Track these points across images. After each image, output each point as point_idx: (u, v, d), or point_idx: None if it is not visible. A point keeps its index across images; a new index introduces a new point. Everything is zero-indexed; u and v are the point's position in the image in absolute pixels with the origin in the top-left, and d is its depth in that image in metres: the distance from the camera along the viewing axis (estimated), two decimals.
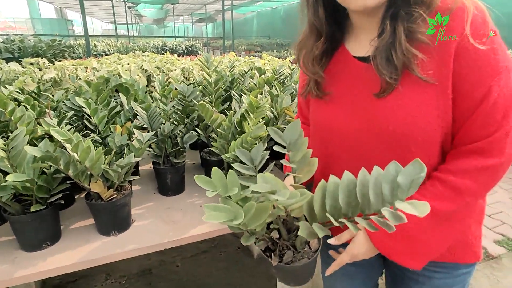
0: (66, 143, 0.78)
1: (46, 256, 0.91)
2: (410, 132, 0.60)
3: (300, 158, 0.65)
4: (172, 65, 3.03)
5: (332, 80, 0.72)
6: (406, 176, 0.43)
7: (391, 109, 0.61)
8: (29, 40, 4.79)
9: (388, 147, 0.63)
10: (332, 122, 0.71)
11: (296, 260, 0.65)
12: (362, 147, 0.67)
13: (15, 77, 2.17)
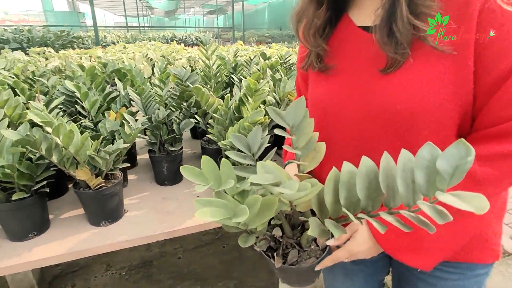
0: (45, 126, 0.72)
1: (32, 246, 0.87)
2: (421, 112, 0.51)
3: (305, 143, 0.56)
4: (177, 54, 2.96)
5: (335, 53, 0.63)
6: (448, 160, 0.33)
7: (398, 85, 0.52)
8: (38, 31, 4.81)
9: (395, 131, 0.54)
10: (331, 101, 0.62)
11: (302, 259, 0.57)
12: (364, 131, 0.58)
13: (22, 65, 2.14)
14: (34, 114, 0.71)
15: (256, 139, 0.59)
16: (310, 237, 0.58)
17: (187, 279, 1.62)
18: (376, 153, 0.57)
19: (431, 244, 0.56)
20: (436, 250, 0.57)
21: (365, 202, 0.43)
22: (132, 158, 1.35)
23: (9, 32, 4.81)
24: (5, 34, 4.58)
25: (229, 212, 0.44)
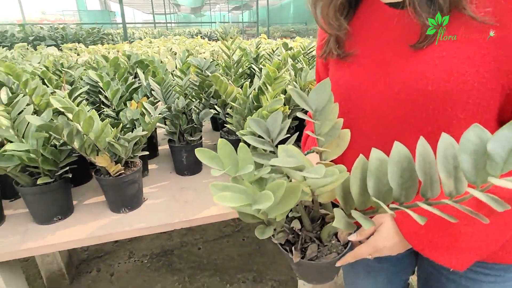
0: (66, 112, 0.74)
1: (56, 229, 0.90)
2: (457, 93, 0.45)
3: (329, 129, 0.52)
4: (201, 48, 2.98)
5: (357, 35, 0.58)
6: (502, 143, 0.29)
7: (431, 63, 0.47)
8: (71, 29, 5.03)
9: (426, 115, 0.49)
10: (353, 83, 0.57)
11: (322, 255, 0.53)
12: (390, 116, 0.53)
13: (54, 60, 2.23)
14: (56, 100, 0.73)
15: (276, 124, 0.56)
16: (332, 230, 0.54)
17: (207, 270, 1.63)
18: (403, 141, 0.53)
19: (467, 241, 0.51)
20: (472, 248, 0.51)
21: (398, 191, 0.39)
22: (153, 148, 1.37)
23: (45, 30, 5.08)
24: (42, 32, 4.83)
25: (249, 198, 0.41)
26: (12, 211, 0.99)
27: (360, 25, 0.58)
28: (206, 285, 1.54)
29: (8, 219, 0.95)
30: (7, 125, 0.77)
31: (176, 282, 1.55)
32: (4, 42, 4.22)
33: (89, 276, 1.61)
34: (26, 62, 2.00)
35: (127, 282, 1.56)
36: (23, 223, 0.92)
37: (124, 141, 0.86)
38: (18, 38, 4.40)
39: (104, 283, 1.56)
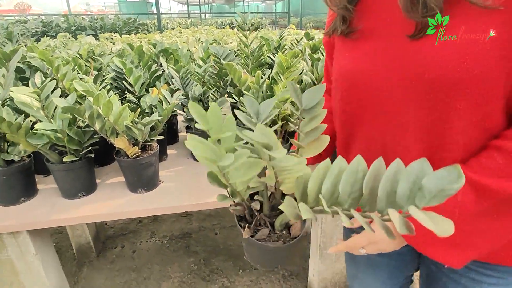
0: (88, 95, 0.79)
1: (79, 204, 0.98)
2: (457, 81, 0.43)
3: (311, 130, 0.54)
4: (229, 38, 3.01)
5: (362, 13, 0.56)
6: (436, 181, 0.33)
7: (431, 49, 0.45)
8: (110, 19, 5.27)
9: (427, 103, 0.47)
10: (356, 69, 0.56)
11: (270, 240, 0.56)
12: (392, 105, 0.51)
13: (90, 48, 2.36)
14: (78, 84, 0.78)
15: (267, 109, 0.57)
16: (284, 220, 0.55)
17: (222, 254, 1.69)
18: (405, 129, 0.51)
19: (464, 238, 0.49)
20: (470, 245, 0.49)
21: (344, 199, 0.41)
22: (174, 135, 1.43)
23: (86, 20, 5.37)
24: (83, 22, 5.11)
25: (215, 155, 0.44)
26: (44, 185, 1.08)
27: (366, 4, 0.56)
28: (220, 268, 1.59)
29: (40, 192, 1.04)
30: (38, 106, 0.85)
31: (192, 264, 1.62)
32: (50, 32, 4.53)
33: (114, 251, 1.73)
34: (67, 50, 2.14)
35: (147, 259, 1.66)
36: (52, 197, 1.01)
37: (141, 125, 0.91)
38: (62, 28, 4.70)
39: (126, 258, 1.67)
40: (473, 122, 0.45)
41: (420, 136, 0.50)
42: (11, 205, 0.97)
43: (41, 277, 1.03)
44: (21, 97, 0.83)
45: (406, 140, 0.52)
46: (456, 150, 0.48)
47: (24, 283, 1.03)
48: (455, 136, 0.47)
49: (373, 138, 0.57)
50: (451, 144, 0.48)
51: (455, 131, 0.46)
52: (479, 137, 0.47)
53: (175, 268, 1.59)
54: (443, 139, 0.48)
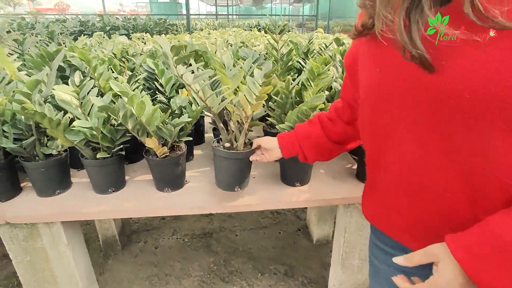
0: (123, 95, 0.82)
1: (109, 199, 1.01)
2: (489, 99, 0.40)
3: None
4: (256, 40, 3.02)
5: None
6: None
7: (469, 67, 0.42)
8: (141, 19, 5.46)
9: (460, 123, 0.44)
10: (383, 82, 0.53)
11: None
12: (422, 123, 0.49)
13: (123, 48, 2.46)
14: (114, 85, 0.81)
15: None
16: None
17: (241, 257, 1.69)
18: (437, 151, 0.49)
19: None
20: None
21: None
22: (200, 135, 1.45)
23: (119, 20, 5.58)
24: (117, 22, 5.33)
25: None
26: (78, 179, 1.13)
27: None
28: (239, 270, 1.60)
29: (73, 185, 1.09)
30: (77, 104, 0.89)
31: (212, 263, 1.64)
32: (86, 31, 4.76)
33: (137, 246, 1.78)
34: (101, 49, 2.24)
35: (168, 256, 1.69)
36: (85, 190, 1.06)
37: (171, 126, 0.93)
38: (97, 28, 4.92)
39: (149, 254, 1.71)
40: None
41: (455, 157, 0.47)
42: (48, 196, 1.02)
43: (71, 267, 1.08)
44: (62, 95, 0.87)
45: (440, 162, 0.49)
46: (500, 180, 0.44)
47: (55, 271, 1.08)
48: (498, 159, 0.44)
49: (403, 153, 0.55)
50: (494, 169, 0.44)
51: (499, 153, 0.43)
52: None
53: (196, 266, 1.62)
54: (484, 160, 0.45)
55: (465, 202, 0.49)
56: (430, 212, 0.54)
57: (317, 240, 1.81)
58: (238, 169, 0.96)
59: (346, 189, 1.07)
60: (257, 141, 0.92)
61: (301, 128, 0.85)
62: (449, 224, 0.52)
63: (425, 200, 0.53)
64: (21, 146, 0.92)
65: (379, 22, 0.49)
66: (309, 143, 0.83)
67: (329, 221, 1.78)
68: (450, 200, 0.50)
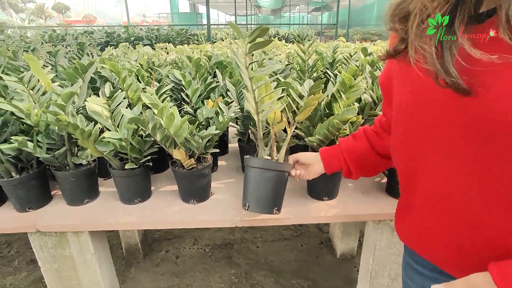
0: (153, 107, 0.82)
1: (135, 210, 1.01)
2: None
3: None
4: (277, 50, 3.02)
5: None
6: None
7: (510, 88, 0.40)
8: (164, 30, 5.62)
9: (503, 147, 0.42)
10: (416, 104, 0.51)
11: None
12: (461, 147, 0.46)
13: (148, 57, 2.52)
14: (145, 97, 0.82)
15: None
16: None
17: (263, 269, 1.66)
18: (477, 176, 0.46)
19: None
20: None
21: None
22: (224, 146, 1.45)
23: (143, 31, 5.77)
24: (141, 33, 5.50)
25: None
26: (105, 188, 1.15)
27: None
28: (261, 284, 1.56)
29: (101, 195, 1.10)
30: (107, 116, 0.90)
31: (233, 276, 1.61)
32: (112, 41, 4.94)
33: (159, 254, 1.78)
34: (126, 59, 2.31)
35: (189, 266, 1.68)
36: (111, 200, 1.07)
37: (198, 138, 0.92)
38: (123, 38, 5.10)
39: (170, 263, 1.71)
40: None
41: (496, 183, 0.45)
42: (77, 205, 1.03)
43: (96, 275, 1.08)
44: (94, 106, 0.89)
45: (480, 187, 0.46)
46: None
47: (81, 279, 1.09)
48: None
49: (439, 179, 0.52)
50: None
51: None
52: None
53: (217, 278, 1.60)
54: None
55: (509, 228, 0.46)
56: (473, 239, 0.50)
57: (341, 254, 1.75)
58: (278, 185, 0.83)
59: (376, 205, 1.02)
60: (293, 157, 0.88)
61: (345, 142, 0.83)
62: (493, 251, 0.49)
63: (467, 226, 0.50)
64: (54, 156, 0.94)
65: (412, 50, 0.48)
66: (355, 157, 0.81)
67: (353, 235, 1.72)
68: (493, 227, 0.47)
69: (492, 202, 0.46)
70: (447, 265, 0.57)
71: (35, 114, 0.91)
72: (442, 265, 0.58)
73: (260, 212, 0.87)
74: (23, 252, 1.82)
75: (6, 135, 0.97)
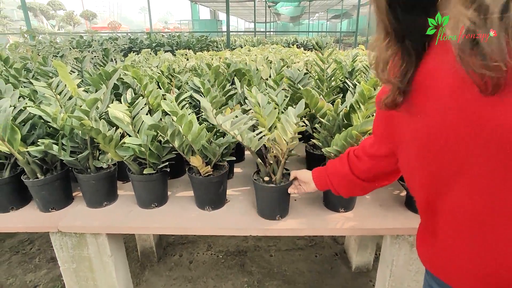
0: (172, 115, 0.84)
1: (152, 215, 1.03)
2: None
3: None
4: (296, 57, 3.02)
5: (426, 84, 0.49)
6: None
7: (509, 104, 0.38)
8: (185, 36, 5.74)
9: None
10: (429, 136, 0.50)
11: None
12: (486, 169, 0.45)
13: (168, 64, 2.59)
14: (165, 104, 0.84)
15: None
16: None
17: (276, 279, 1.64)
18: (493, 195, 0.45)
19: None
20: None
21: None
22: (240, 153, 1.45)
23: (165, 37, 5.92)
24: (162, 39, 5.65)
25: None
26: (123, 191, 1.17)
27: (430, 71, 0.49)
28: None
29: (119, 198, 1.13)
30: (128, 122, 0.93)
31: (246, 284, 1.60)
32: (135, 47, 5.09)
33: (173, 259, 1.80)
34: (148, 65, 2.38)
35: (203, 272, 1.69)
36: (129, 204, 1.09)
37: (215, 146, 0.93)
38: (145, 44, 5.25)
39: (184, 268, 1.72)
40: None
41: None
42: (96, 207, 1.06)
43: (112, 277, 1.10)
44: (116, 112, 0.91)
45: (499, 210, 0.44)
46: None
47: (97, 280, 1.11)
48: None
49: (466, 203, 0.49)
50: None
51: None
52: None
53: (229, 286, 1.59)
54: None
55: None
56: (504, 268, 0.48)
57: (356, 267, 1.70)
58: (278, 200, 0.98)
59: (394, 219, 0.99)
60: (294, 173, 0.96)
61: (331, 165, 0.87)
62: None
63: (497, 254, 0.48)
64: (77, 159, 0.98)
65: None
66: (338, 180, 0.84)
67: (370, 248, 1.68)
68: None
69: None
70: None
71: (61, 118, 0.95)
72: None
73: (267, 219, 0.99)
74: (44, 250, 1.88)
75: (34, 138, 1.01)
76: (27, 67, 1.64)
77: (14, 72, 1.42)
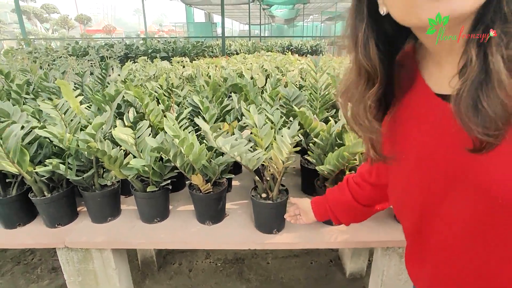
0: (175, 138, 0.89)
1: (154, 229, 1.08)
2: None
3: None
4: (291, 65, 3.09)
5: (403, 132, 0.52)
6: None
7: (498, 163, 0.40)
8: (180, 42, 5.80)
9: (499, 224, 0.43)
10: (409, 189, 0.54)
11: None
12: (462, 227, 0.47)
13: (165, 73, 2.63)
14: (168, 128, 0.89)
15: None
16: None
17: (273, 286, 1.69)
18: (481, 256, 0.48)
19: None
20: None
21: None
22: (238, 166, 1.50)
23: (160, 43, 5.97)
24: (158, 45, 5.70)
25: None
26: (126, 206, 1.22)
27: (405, 119, 0.53)
28: None
29: (123, 213, 1.18)
30: (132, 143, 0.97)
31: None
32: (131, 53, 5.13)
33: (172, 267, 1.84)
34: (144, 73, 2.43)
35: (202, 280, 1.73)
36: (132, 219, 1.14)
37: (215, 164, 0.99)
38: (141, 50, 5.29)
39: (183, 276, 1.76)
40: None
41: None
42: (101, 223, 1.11)
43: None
44: (120, 134, 0.96)
45: (500, 248, 0.46)
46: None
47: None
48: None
49: (455, 233, 0.51)
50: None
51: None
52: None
53: None
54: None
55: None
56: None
57: (350, 273, 1.76)
58: (275, 216, 1.03)
59: (385, 232, 1.05)
60: (294, 201, 0.99)
61: (331, 195, 0.88)
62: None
63: (486, 279, 0.50)
64: (83, 178, 1.02)
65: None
66: (340, 209, 0.86)
67: (363, 256, 1.74)
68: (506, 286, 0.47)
69: (508, 259, 0.45)
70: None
71: (67, 139, 1.00)
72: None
73: (264, 233, 1.05)
74: (46, 260, 1.91)
75: (41, 157, 1.05)
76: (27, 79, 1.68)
77: (16, 88, 1.45)
